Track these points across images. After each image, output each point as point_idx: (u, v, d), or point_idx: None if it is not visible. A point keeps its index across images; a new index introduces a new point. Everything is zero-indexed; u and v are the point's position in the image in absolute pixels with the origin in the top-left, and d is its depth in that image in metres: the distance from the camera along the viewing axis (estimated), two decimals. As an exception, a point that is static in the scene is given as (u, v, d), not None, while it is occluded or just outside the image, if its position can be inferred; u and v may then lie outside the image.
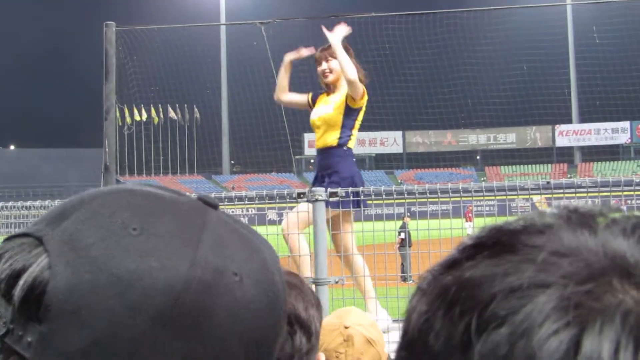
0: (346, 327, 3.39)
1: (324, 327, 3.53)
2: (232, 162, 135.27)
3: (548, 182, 6.90)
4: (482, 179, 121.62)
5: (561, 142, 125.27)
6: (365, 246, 7.77)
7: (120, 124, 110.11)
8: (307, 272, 7.74)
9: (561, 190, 7.30)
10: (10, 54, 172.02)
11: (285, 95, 9.26)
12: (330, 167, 8.61)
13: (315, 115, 8.82)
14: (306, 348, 1.99)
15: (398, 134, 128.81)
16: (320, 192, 6.83)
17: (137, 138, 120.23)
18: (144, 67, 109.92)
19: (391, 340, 7.06)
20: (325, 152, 8.72)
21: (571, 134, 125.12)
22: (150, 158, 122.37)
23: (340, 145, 8.66)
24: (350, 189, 7.33)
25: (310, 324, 2.08)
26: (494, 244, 0.75)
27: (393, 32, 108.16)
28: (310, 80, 9.25)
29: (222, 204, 8.77)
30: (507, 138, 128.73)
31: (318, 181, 8.75)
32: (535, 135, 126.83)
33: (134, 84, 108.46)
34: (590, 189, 7.35)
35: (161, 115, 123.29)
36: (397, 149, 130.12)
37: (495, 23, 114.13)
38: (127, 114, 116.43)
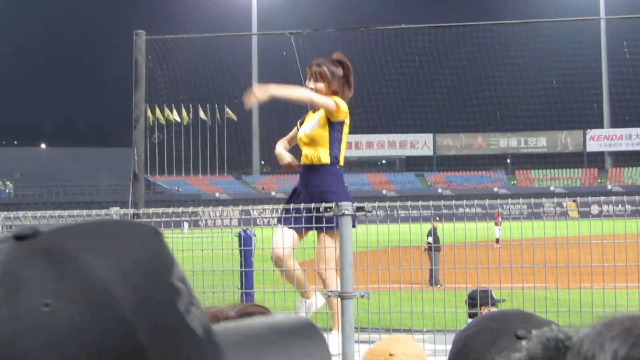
0: (391, 355, 3.52)
1: (371, 351, 3.65)
2: (262, 162, 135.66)
3: (574, 200, 6.90)
4: (512, 182, 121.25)
5: (592, 146, 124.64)
6: (390, 249, 7.77)
7: (151, 124, 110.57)
8: (334, 285, 7.77)
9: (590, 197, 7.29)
10: (42, 53, 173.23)
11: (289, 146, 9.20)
12: (323, 185, 8.46)
13: (302, 133, 8.72)
14: None
15: (429, 136, 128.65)
16: (347, 206, 6.83)
17: (168, 139, 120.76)
18: (175, 70, 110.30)
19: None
20: (316, 169, 8.57)
21: (602, 139, 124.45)
22: (180, 159, 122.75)
23: (333, 163, 8.56)
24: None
25: None
26: None
27: (422, 44, 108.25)
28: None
29: (252, 205, 8.81)
30: (538, 142, 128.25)
31: (301, 195, 8.56)
32: (566, 140, 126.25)
33: (161, 87, 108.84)
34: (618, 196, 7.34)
35: (191, 116, 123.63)
36: (428, 151, 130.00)
37: (527, 30, 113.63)
38: (158, 113, 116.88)
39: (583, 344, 0.90)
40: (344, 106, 8.60)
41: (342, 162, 8.71)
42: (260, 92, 8.40)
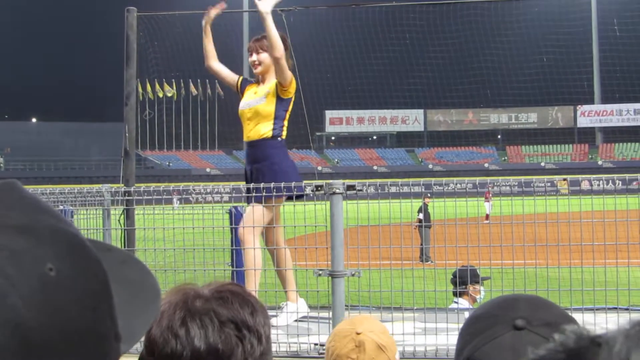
0: (358, 333, 3.45)
1: (337, 333, 3.59)
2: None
3: (565, 179, 6.92)
4: (503, 158, 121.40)
5: (583, 122, 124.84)
6: (381, 226, 7.75)
7: (142, 98, 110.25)
8: (252, 285, 7.80)
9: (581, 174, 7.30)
10: (33, 26, 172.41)
11: (215, 63, 9.45)
12: (266, 158, 8.49)
13: (246, 107, 8.73)
14: (259, 351, 2.01)
15: (419, 112, 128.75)
16: (338, 185, 6.82)
17: (159, 114, 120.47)
18: (166, 46, 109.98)
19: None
20: (258, 144, 8.61)
21: (593, 115, 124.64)
22: (171, 134, 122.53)
23: (275, 136, 8.60)
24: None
25: (258, 327, 2.06)
26: None
27: (414, 20, 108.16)
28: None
29: (242, 181, 8.81)
30: (529, 118, 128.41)
31: (251, 175, 8.62)
32: (557, 116, 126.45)
33: (153, 63, 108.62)
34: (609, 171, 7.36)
35: (182, 91, 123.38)
36: (419, 127, 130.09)
37: (518, 7, 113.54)
38: (149, 89, 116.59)
39: (616, 342, 0.88)
40: (294, 84, 8.72)
41: (284, 136, 8.77)
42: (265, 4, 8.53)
